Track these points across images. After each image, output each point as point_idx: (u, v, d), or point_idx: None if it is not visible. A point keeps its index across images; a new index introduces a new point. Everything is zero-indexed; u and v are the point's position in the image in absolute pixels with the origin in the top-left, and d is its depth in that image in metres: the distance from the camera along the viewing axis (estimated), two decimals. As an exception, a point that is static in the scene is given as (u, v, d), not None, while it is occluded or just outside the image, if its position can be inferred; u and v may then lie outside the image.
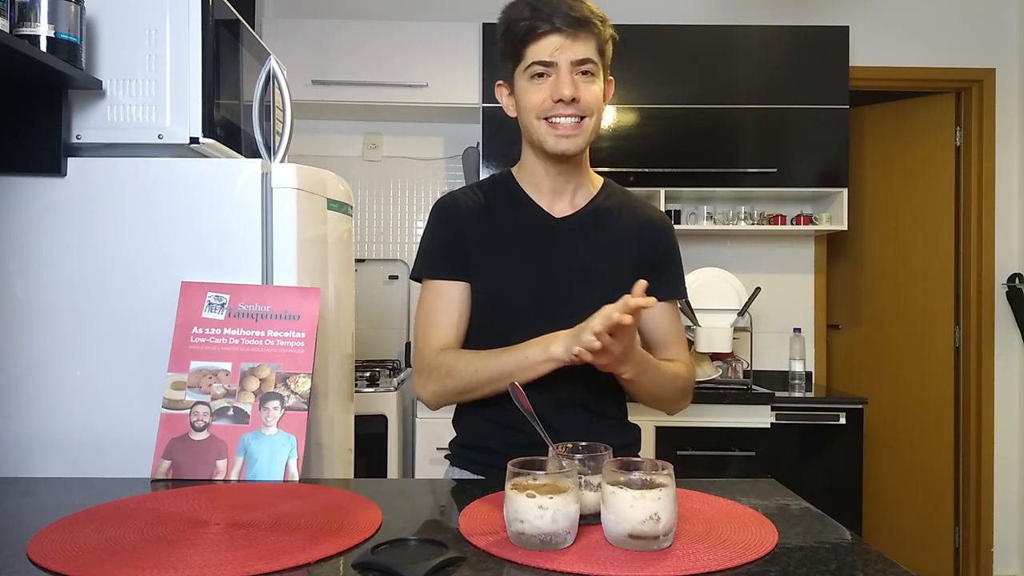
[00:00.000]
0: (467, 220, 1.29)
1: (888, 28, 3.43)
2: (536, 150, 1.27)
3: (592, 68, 1.21)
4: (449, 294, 1.27)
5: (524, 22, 1.19)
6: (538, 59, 1.20)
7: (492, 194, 1.33)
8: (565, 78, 1.19)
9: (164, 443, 1.14)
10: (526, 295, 1.25)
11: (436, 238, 1.31)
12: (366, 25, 3.11)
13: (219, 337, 1.20)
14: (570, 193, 1.31)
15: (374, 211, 3.46)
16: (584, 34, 1.19)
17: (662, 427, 2.74)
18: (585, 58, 1.20)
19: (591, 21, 1.19)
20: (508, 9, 1.23)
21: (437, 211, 1.32)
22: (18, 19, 1.20)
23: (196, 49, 1.35)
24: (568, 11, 1.17)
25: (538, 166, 1.29)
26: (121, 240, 1.34)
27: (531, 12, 1.19)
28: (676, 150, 3.10)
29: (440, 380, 1.23)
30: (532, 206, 1.30)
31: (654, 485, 0.82)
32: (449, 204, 1.32)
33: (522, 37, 1.20)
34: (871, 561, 0.82)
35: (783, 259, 3.48)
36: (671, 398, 1.31)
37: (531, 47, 1.20)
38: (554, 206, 1.30)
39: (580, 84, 1.20)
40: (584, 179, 1.32)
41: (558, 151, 1.22)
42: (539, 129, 1.22)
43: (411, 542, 0.83)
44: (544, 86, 1.20)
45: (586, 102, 1.20)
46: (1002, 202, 3.44)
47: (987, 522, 3.41)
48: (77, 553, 0.80)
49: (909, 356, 3.68)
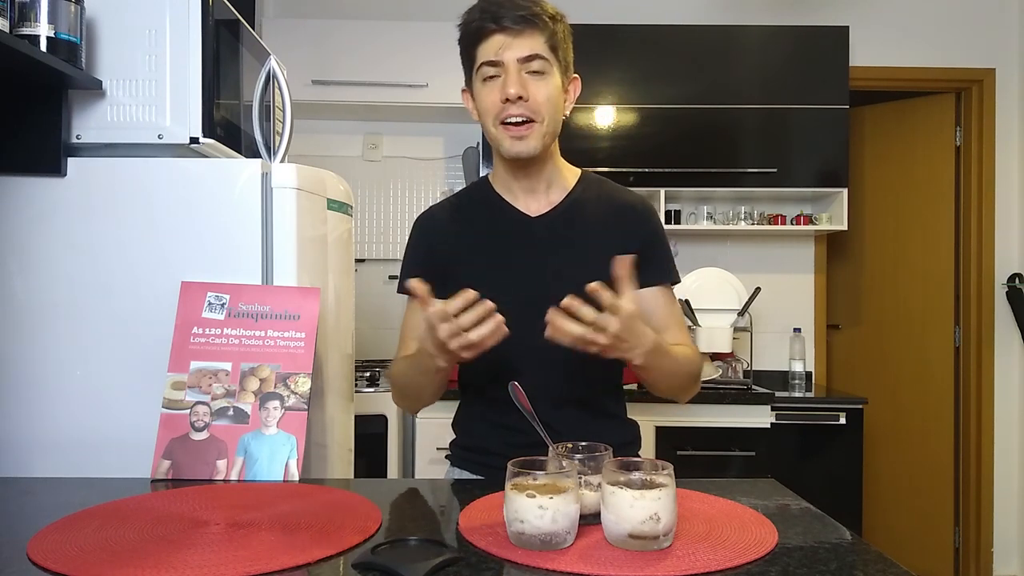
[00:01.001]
0: (442, 232, 1.31)
1: (888, 28, 3.43)
2: (499, 154, 1.27)
3: (542, 66, 1.20)
4: (416, 311, 1.27)
5: (473, 23, 1.21)
6: (486, 59, 1.20)
7: (468, 202, 1.35)
8: (512, 76, 1.18)
9: (164, 443, 1.14)
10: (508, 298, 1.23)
11: (411, 255, 1.34)
12: (366, 25, 3.11)
13: (219, 337, 1.20)
14: (543, 191, 1.30)
15: (374, 211, 3.46)
16: (530, 30, 1.19)
17: (662, 427, 2.74)
18: (532, 55, 1.19)
19: (539, 17, 1.19)
20: (464, 13, 1.24)
21: (414, 227, 1.36)
22: (18, 19, 1.20)
23: (196, 49, 1.35)
24: (513, 9, 1.18)
25: (506, 169, 1.29)
26: (121, 240, 1.34)
27: (479, 13, 1.20)
28: (676, 150, 3.10)
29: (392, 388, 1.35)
30: (508, 208, 1.30)
31: (654, 485, 0.82)
32: (425, 220, 1.36)
33: (472, 39, 1.22)
34: (871, 561, 0.82)
35: (783, 259, 3.48)
36: (684, 384, 1.28)
37: (480, 48, 1.21)
38: (530, 205, 1.30)
39: (529, 82, 1.19)
40: (557, 175, 1.31)
41: (512, 154, 1.22)
42: (496, 134, 1.22)
43: (411, 542, 0.83)
44: (495, 87, 1.20)
45: (535, 101, 1.19)
46: (1002, 202, 3.44)
47: (987, 522, 3.41)
48: (77, 553, 0.80)
49: (909, 356, 3.68)
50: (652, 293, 1.27)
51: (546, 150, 1.25)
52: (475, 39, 1.21)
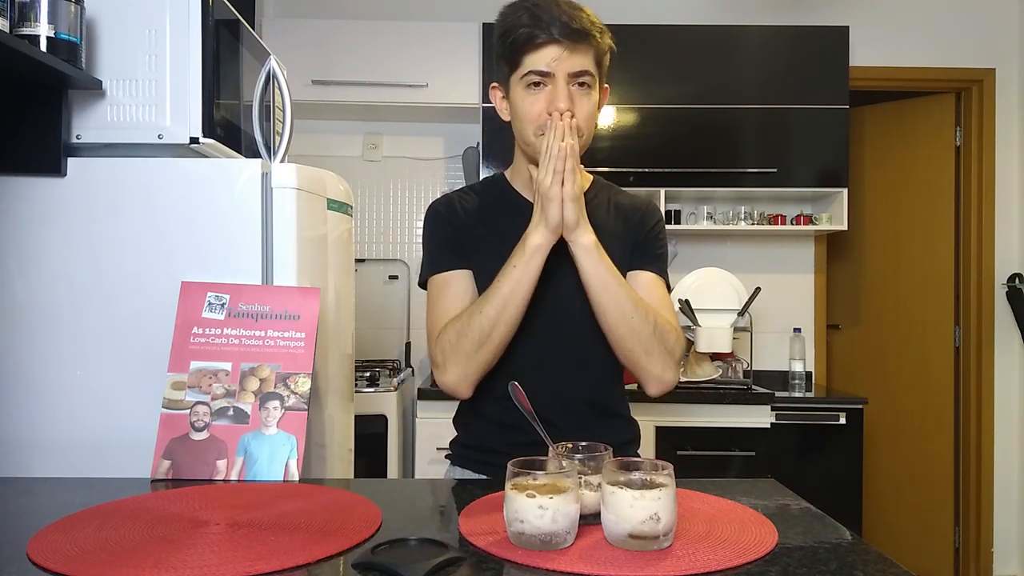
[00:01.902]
0: (463, 219, 1.31)
1: (888, 28, 3.43)
2: (527, 156, 1.27)
3: (589, 80, 1.21)
4: (456, 283, 1.27)
5: (523, 29, 1.18)
6: (535, 68, 1.19)
7: (486, 195, 1.34)
8: (562, 91, 1.18)
9: (164, 443, 1.14)
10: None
11: (435, 236, 1.32)
12: (366, 25, 3.11)
13: (219, 337, 1.20)
14: None
15: (374, 211, 3.46)
16: (583, 46, 1.18)
17: (662, 427, 2.74)
18: (583, 70, 1.19)
19: (590, 33, 1.18)
20: (507, 12, 1.21)
21: (433, 212, 1.33)
22: (18, 19, 1.20)
23: (196, 49, 1.35)
24: (568, 21, 1.16)
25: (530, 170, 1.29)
26: (121, 240, 1.34)
27: (530, 20, 1.17)
28: (676, 150, 3.10)
29: (454, 351, 1.20)
30: (526, 206, 1.30)
31: (654, 485, 0.82)
32: (445, 203, 1.34)
33: (520, 44, 1.19)
34: (871, 561, 0.82)
35: (783, 259, 3.48)
36: (640, 328, 1.20)
37: (529, 56, 1.19)
38: None
39: (576, 97, 1.19)
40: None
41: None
42: (537, 144, 1.21)
43: (411, 542, 0.83)
44: (540, 96, 1.19)
45: (579, 118, 1.19)
46: (1002, 202, 3.44)
47: (987, 522, 3.41)
48: (77, 553, 0.80)
49: (909, 356, 3.68)
50: (645, 279, 1.30)
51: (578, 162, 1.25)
52: (524, 45, 1.19)
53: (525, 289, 1.17)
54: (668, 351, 1.23)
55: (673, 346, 1.24)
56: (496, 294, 1.18)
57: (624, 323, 1.20)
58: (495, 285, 1.19)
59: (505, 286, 1.17)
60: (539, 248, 1.16)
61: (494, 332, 1.18)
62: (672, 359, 1.25)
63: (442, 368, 1.22)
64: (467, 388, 1.23)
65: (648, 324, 1.20)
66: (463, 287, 1.27)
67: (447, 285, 1.27)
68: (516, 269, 1.17)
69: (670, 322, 1.26)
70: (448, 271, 1.28)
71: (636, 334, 1.20)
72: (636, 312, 1.20)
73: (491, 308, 1.18)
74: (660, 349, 1.22)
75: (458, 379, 1.22)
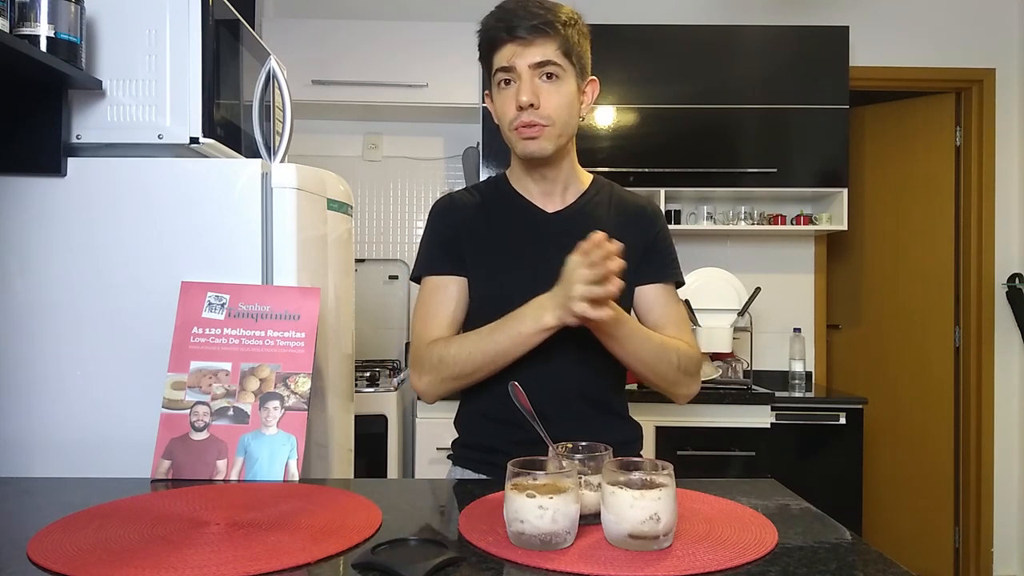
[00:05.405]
0: (464, 218, 1.32)
1: (888, 28, 3.43)
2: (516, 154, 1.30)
3: (555, 70, 1.21)
4: (446, 288, 1.29)
5: (489, 31, 1.23)
6: (500, 65, 1.22)
7: (488, 194, 1.36)
8: (525, 84, 1.20)
9: (164, 443, 1.14)
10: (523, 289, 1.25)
11: (433, 236, 1.33)
12: (366, 25, 3.11)
13: (219, 337, 1.20)
14: (559, 192, 1.33)
15: (374, 211, 3.46)
16: (541, 38, 1.19)
17: (662, 427, 2.74)
18: (544, 60, 1.20)
19: (551, 25, 1.19)
20: (483, 19, 1.25)
21: (435, 211, 1.35)
22: (18, 19, 1.20)
23: (196, 49, 1.35)
24: (527, 17, 1.18)
25: (523, 169, 1.32)
26: (121, 240, 1.34)
27: (495, 21, 1.22)
28: (676, 150, 3.10)
29: (433, 369, 1.23)
30: (525, 204, 1.32)
31: (654, 485, 0.82)
32: (447, 203, 1.35)
33: (488, 46, 1.24)
34: (871, 561, 0.82)
35: (783, 259, 3.48)
36: (664, 371, 1.24)
37: (496, 55, 1.23)
38: (546, 204, 1.32)
39: (542, 88, 1.20)
40: (573, 177, 1.34)
41: (526, 154, 1.24)
42: (511, 136, 1.25)
43: (411, 542, 0.83)
44: (510, 92, 1.22)
45: (546, 108, 1.20)
46: (1002, 202, 3.44)
47: (987, 522, 3.41)
48: (77, 553, 0.80)
49: (909, 356, 3.68)
50: (653, 290, 1.32)
51: (560, 151, 1.26)
52: (490, 47, 1.23)
53: (520, 352, 1.18)
54: (691, 376, 1.29)
55: (695, 369, 1.30)
56: (491, 344, 1.19)
57: (650, 372, 1.24)
58: (493, 335, 1.19)
59: (502, 343, 1.18)
60: (550, 329, 1.15)
61: (476, 374, 1.22)
62: (695, 379, 1.31)
63: (417, 375, 1.27)
64: (433, 400, 1.28)
65: (672, 365, 1.25)
66: (452, 293, 1.29)
67: (437, 290, 1.29)
68: (520, 335, 1.16)
69: (690, 344, 1.30)
70: (440, 275, 1.30)
71: (661, 376, 1.25)
72: (659, 359, 1.23)
73: (480, 356, 1.19)
74: (685, 379, 1.28)
75: (426, 391, 1.26)
